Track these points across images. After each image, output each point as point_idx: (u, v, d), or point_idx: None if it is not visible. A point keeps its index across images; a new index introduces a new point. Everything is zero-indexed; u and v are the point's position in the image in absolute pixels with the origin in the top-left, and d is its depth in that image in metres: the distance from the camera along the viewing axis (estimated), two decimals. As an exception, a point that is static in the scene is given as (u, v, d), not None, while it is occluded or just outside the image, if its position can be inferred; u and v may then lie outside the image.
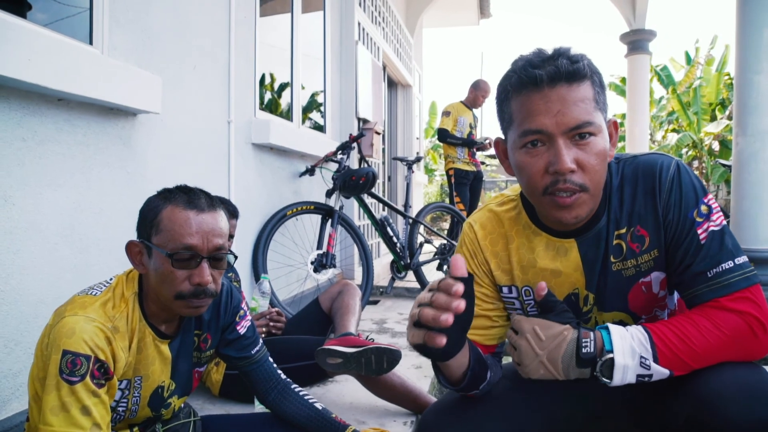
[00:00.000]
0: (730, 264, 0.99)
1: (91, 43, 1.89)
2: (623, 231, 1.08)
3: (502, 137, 1.12)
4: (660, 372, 0.96)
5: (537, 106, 0.98)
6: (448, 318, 0.83)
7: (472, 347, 1.10)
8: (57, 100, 1.73)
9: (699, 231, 1.01)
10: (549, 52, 1.00)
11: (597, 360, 0.98)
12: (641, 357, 0.96)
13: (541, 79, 0.97)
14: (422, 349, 0.91)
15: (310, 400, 1.44)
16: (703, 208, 1.03)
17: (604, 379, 0.97)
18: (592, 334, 1.00)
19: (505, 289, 1.19)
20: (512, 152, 1.06)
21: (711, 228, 1.01)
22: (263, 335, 2.28)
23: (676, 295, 1.14)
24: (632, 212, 1.07)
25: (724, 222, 1.03)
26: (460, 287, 0.84)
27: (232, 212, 2.23)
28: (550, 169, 0.99)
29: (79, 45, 1.82)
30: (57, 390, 1.05)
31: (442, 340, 0.85)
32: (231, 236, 2.28)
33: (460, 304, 0.84)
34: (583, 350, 0.98)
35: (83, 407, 1.06)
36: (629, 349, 0.97)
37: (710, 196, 1.05)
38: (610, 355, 0.97)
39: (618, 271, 1.09)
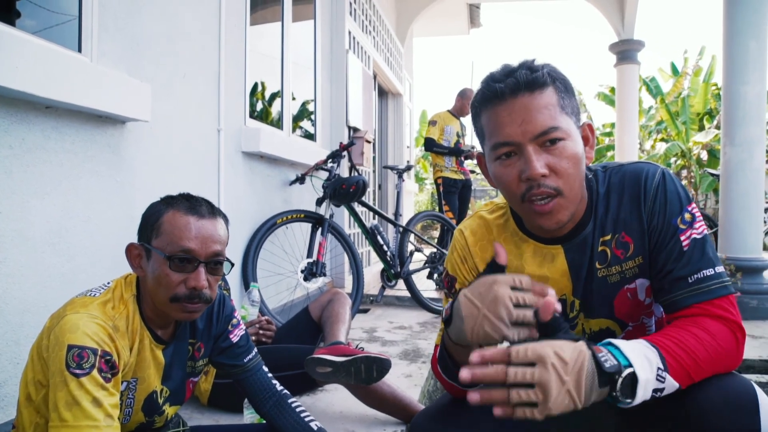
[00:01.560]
0: (710, 272, 1.01)
1: (79, 50, 1.89)
2: (608, 237, 1.10)
3: (482, 152, 1.15)
4: (671, 385, 0.91)
5: (502, 118, 1.02)
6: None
7: None
8: (45, 108, 1.72)
9: (682, 238, 1.03)
10: (513, 66, 1.04)
11: (617, 377, 0.87)
12: (658, 368, 0.89)
13: (503, 92, 1.01)
14: None
15: (307, 419, 1.42)
16: (687, 216, 1.04)
17: (625, 401, 0.87)
18: (602, 347, 0.90)
19: None
20: (489, 164, 1.09)
21: (693, 235, 1.03)
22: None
23: None
24: (617, 219, 1.09)
25: (706, 231, 1.05)
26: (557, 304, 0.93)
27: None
28: (522, 177, 1.01)
29: (67, 52, 1.81)
30: (65, 386, 1.06)
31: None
32: None
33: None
34: (606, 364, 0.86)
35: (94, 399, 1.07)
36: (646, 362, 0.89)
37: (693, 204, 1.07)
38: (630, 370, 0.87)
39: (603, 277, 1.10)
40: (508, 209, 1.20)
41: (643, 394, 0.87)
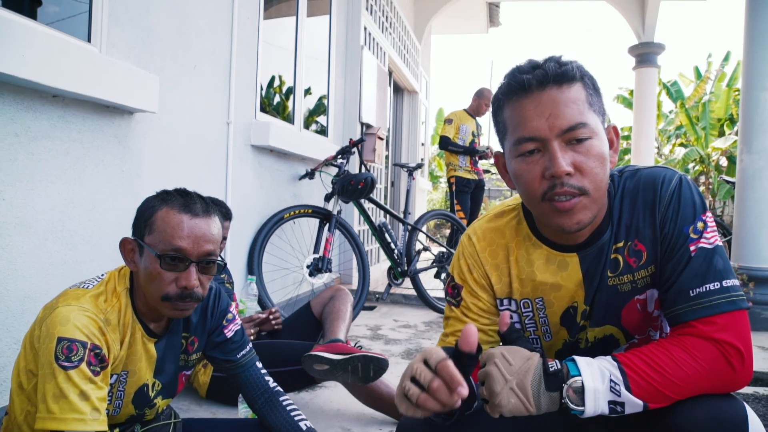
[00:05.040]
0: (716, 285, 0.95)
1: (89, 40, 1.89)
2: (621, 245, 1.05)
3: (501, 150, 1.09)
4: (632, 402, 0.90)
5: (528, 112, 0.96)
6: (443, 409, 0.84)
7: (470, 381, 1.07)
8: (52, 97, 1.73)
9: (691, 248, 0.98)
10: (540, 60, 0.99)
11: (563, 385, 0.92)
12: (611, 380, 0.91)
13: (530, 84, 0.95)
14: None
15: (296, 417, 1.42)
16: (699, 224, 0.99)
17: (575, 407, 0.90)
18: (556, 360, 0.95)
19: (504, 302, 1.15)
20: (509, 161, 1.03)
21: (702, 245, 0.98)
22: (251, 338, 2.28)
23: None
24: (630, 226, 1.04)
25: (718, 242, 0.99)
26: (464, 391, 0.82)
27: (225, 214, 2.23)
28: (546, 174, 0.96)
29: (76, 42, 1.82)
30: (53, 378, 1.06)
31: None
32: (224, 238, 2.28)
33: (457, 402, 0.83)
34: (551, 369, 0.92)
35: (81, 392, 1.07)
36: (598, 372, 0.92)
37: (709, 213, 1.01)
38: (579, 378, 0.91)
39: (614, 285, 1.06)
40: (521, 211, 1.15)
41: (594, 404, 0.90)
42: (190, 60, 2.45)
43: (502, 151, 1.09)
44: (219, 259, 1.26)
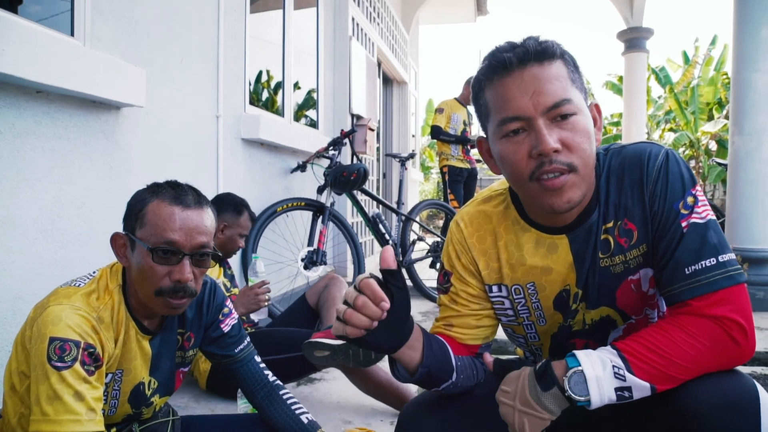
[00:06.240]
0: (712, 261, 0.93)
1: (72, 34, 1.85)
2: (610, 225, 1.03)
3: (484, 135, 1.07)
4: (639, 384, 0.89)
5: (511, 91, 0.94)
6: (370, 325, 0.88)
7: (434, 347, 1.05)
8: (36, 93, 1.69)
9: (683, 224, 0.96)
10: (519, 41, 0.97)
11: (563, 378, 0.91)
12: (614, 366, 0.89)
13: (511, 62, 0.94)
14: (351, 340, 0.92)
15: (297, 411, 1.40)
16: (690, 199, 0.96)
17: (580, 398, 0.89)
18: (546, 360, 0.97)
19: (494, 288, 1.14)
20: (493, 144, 1.01)
21: (694, 220, 0.95)
22: (268, 302, 2.20)
23: None
24: (619, 205, 1.02)
25: (711, 216, 0.97)
26: (386, 305, 0.87)
27: (252, 216, 2.35)
28: (533, 153, 0.93)
29: (58, 36, 1.78)
30: (47, 379, 1.03)
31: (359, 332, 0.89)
32: (244, 235, 2.36)
33: (382, 314, 0.88)
34: (538, 370, 0.94)
35: (76, 393, 1.04)
36: (598, 361, 0.91)
37: (698, 187, 0.99)
38: (578, 368, 0.90)
39: (606, 267, 1.04)
40: (508, 195, 1.13)
41: (599, 392, 0.89)
42: (177, 53, 2.41)
43: (485, 136, 1.06)
44: (213, 250, 1.23)
